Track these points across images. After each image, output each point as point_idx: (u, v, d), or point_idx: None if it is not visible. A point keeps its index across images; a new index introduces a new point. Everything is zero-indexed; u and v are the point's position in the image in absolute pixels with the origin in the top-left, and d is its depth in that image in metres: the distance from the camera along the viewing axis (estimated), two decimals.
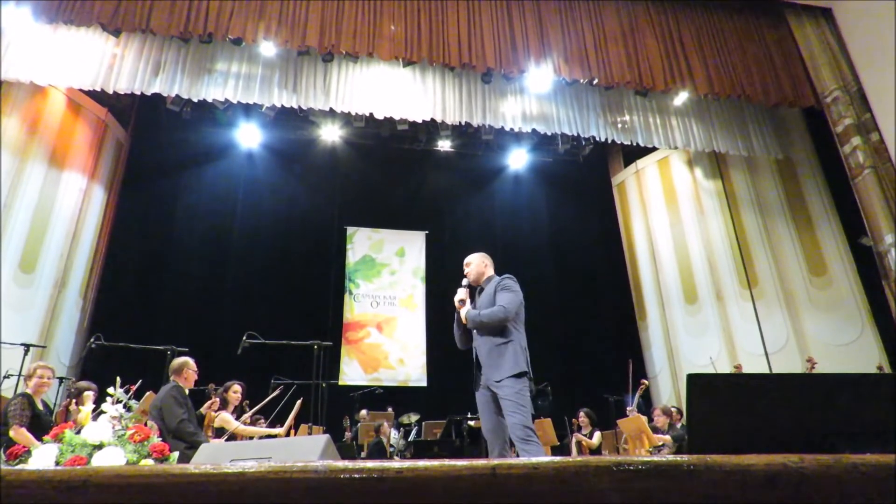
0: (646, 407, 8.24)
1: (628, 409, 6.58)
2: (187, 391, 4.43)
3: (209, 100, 6.90)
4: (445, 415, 7.18)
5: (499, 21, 6.72)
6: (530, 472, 0.84)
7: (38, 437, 4.00)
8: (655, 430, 6.23)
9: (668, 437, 5.94)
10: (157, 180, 9.66)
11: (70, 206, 7.69)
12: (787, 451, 0.90)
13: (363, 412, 7.87)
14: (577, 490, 0.84)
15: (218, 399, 4.94)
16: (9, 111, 6.90)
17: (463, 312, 3.52)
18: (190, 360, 4.54)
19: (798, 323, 7.64)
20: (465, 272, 3.73)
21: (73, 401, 5.00)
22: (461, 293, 3.60)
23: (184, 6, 5.96)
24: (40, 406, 4.32)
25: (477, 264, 3.73)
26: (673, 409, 6.59)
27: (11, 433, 4.01)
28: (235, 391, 5.05)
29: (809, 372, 6.08)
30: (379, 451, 6.87)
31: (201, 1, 6.04)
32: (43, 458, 2.53)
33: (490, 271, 3.74)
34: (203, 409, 4.91)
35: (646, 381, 7.34)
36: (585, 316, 10.34)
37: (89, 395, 4.85)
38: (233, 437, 4.74)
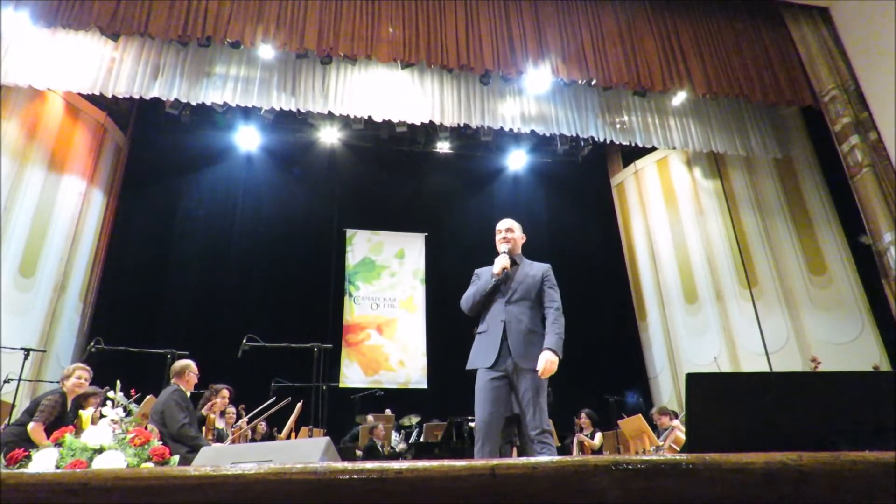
0: (646, 407, 8.24)
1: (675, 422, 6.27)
2: (189, 394, 4.43)
3: (208, 103, 6.89)
4: (446, 416, 7.17)
5: (497, 23, 6.73)
6: (530, 473, 0.84)
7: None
8: (655, 428, 6.22)
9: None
10: (157, 184, 9.66)
11: (69, 210, 7.69)
12: (786, 450, 0.90)
13: (370, 417, 7.85)
14: (576, 490, 0.84)
15: (218, 400, 4.95)
16: (8, 115, 6.90)
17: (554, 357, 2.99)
18: (192, 364, 4.55)
19: (798, 322, 7.64)
20: (503, 236, 3.38)
21: (77, 405, 5.00)
22: (506, 261, 3.25)
23: (182, 10, 5.97)
24: (69, 407, 4.33)
25: (520, 235, 3.44)
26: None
27: (31, 426, 4.02)
28: (224, 396, 5.06)
29: (813, 371, 6.06)
30: (371, 454, 6.85)
31: (199, 4, 6.05)
32: (43, 462, 2.53)
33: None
34: (203, 411, 4.91)
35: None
36: (585, 316, 10.33)
37: (92, 401, 4.85)
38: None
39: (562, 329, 3.15)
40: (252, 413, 5.87)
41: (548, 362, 3.00)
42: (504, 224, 3.46)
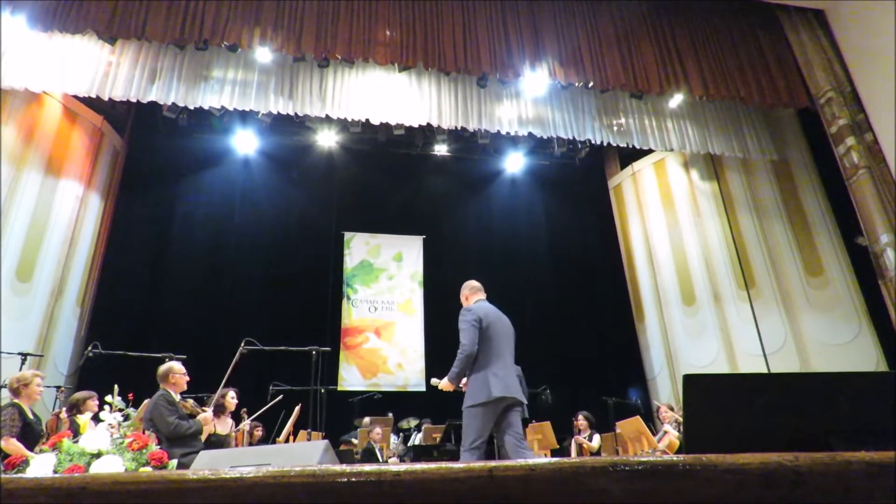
0: (645, 409, 8.24)
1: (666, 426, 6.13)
2: (178, 397, 4.40)
3: (205, 107, 6.89)
4: (444, 419, 7.17)
5: (494, 25, 6.74)
6: (527, 474, 0.84)
7: (30, 447, 3.99)
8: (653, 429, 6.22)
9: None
10: (154, 187, 9.65)
11: (67, 214, 7.67)
12: (783, 451, 0.90)
13: (366, 419, 7.81)
14: (574, 491, 0.84)
15: (210, 411, 4.90)
16: (5, 119, 6.89)
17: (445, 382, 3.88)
18: (175, 365, 4.49)
19: (796, 323, 7.65)
20: None
21: (74, 410, 4.96)
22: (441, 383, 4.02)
23: (179, 13, 5.97)
24: (30, 415, 4.28)
25: (463, 298, 4.13)
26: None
27: (2, 443, 3.98)
28: (232, 397, 5.04)
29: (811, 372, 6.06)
30: (368, 457, 6.84)
31: (197, 8, 6.05)
32: (41, 467, 2.52)
33: (469, 301, 4.04)
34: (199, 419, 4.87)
35: None
36: (583, 318, 10.35)
37: (90, 404, 4.83)
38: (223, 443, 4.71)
39: (458, 364, 3.76)
40: (255, 416, 5.86)
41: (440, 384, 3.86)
42: None
